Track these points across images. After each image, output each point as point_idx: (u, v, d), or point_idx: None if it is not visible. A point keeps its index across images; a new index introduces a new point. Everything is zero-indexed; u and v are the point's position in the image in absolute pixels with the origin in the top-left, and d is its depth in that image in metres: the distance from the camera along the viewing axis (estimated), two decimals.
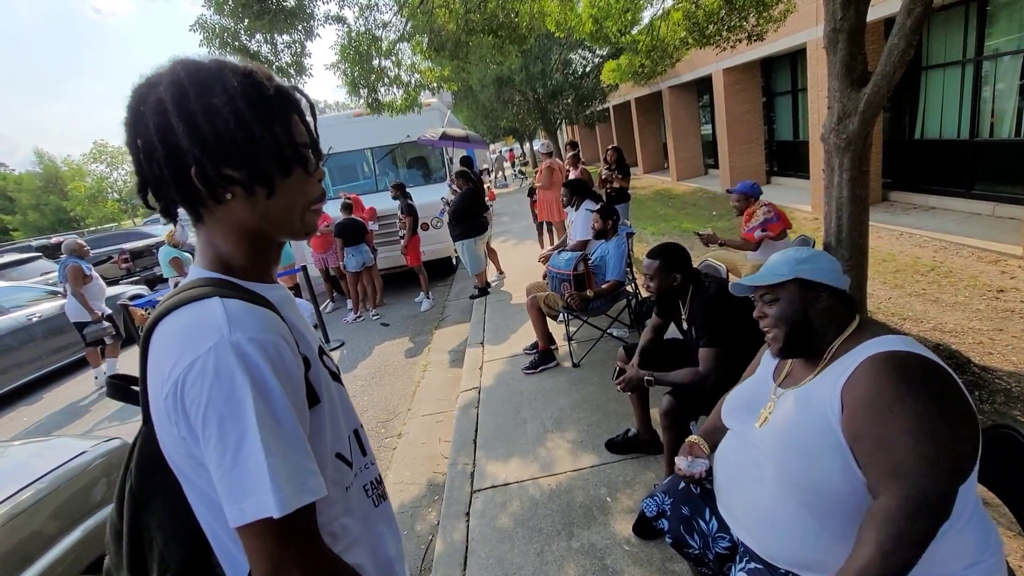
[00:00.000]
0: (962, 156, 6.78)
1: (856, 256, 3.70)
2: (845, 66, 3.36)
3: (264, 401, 0.59)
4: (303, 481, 0.60)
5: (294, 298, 0.83)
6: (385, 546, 0.86)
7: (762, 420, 1.23)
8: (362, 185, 8.26)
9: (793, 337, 1.19)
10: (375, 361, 5.08)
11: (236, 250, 0.72)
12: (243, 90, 0.66)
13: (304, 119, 0.73)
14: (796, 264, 1.19)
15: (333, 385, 0.79)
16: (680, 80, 12.58)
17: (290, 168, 0.70)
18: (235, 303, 0.64)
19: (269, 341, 0.62)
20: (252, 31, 4.27)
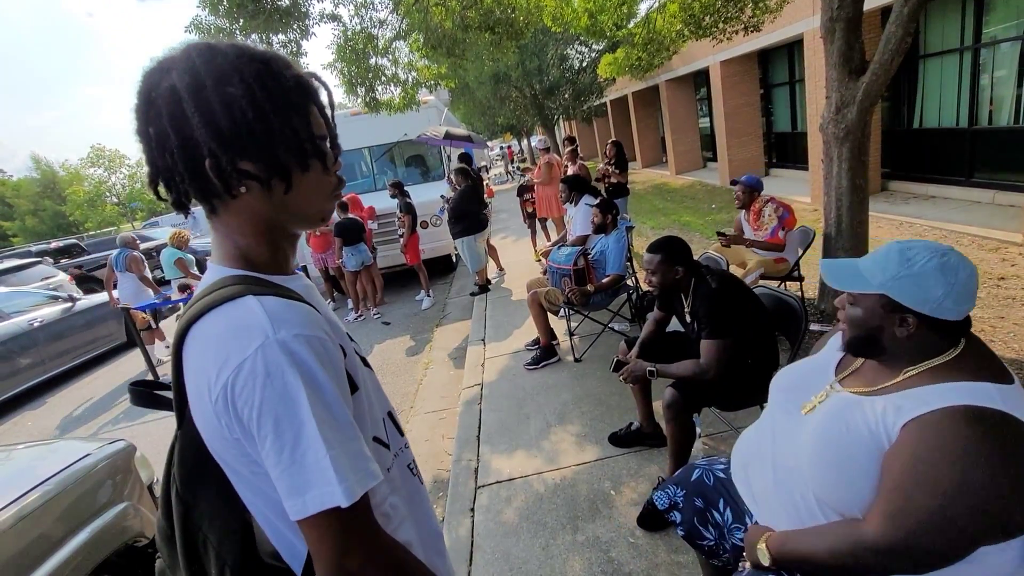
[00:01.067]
0: (961, 144, 6.76)
1: (856, 246, 3.70)
2: (842, 56, 3.35)
3: (317, 396, 0.60)
4: (363, 468, 0.61)
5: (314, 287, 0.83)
6: (432, 520, 0.89)
7: (810, 407, 1.16)
8: (360, 184, 8.25)
9: (858, 346, 1.09)
10: (376, 360, 5.08)
11: (255, 244, 0.71)
12: (261, 79, 0.63)
13: (323, 110, 0.71)
14: (893, 277, 1.00)
15: (365, 370, 0.81)
16: (677, 73, 12.55)
17: (308, 162, 0.68)
18: (272, 300, 0.64)
19: (314, 336, 0.62)
20: (247, 31, 4.25)
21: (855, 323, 1.07)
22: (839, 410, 1.08)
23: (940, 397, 0.94)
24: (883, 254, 1.04)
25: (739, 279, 2.17)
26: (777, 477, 1.18)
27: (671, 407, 2.05)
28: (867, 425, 1.00)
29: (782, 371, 1.36)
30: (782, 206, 3.86)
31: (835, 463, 1.02)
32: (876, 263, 1.03)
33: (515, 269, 6.99)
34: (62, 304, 6.64)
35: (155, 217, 22.80)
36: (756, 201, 3.95)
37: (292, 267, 0.78)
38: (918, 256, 0.99)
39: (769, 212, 3.86)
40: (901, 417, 0.96)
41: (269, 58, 0.66)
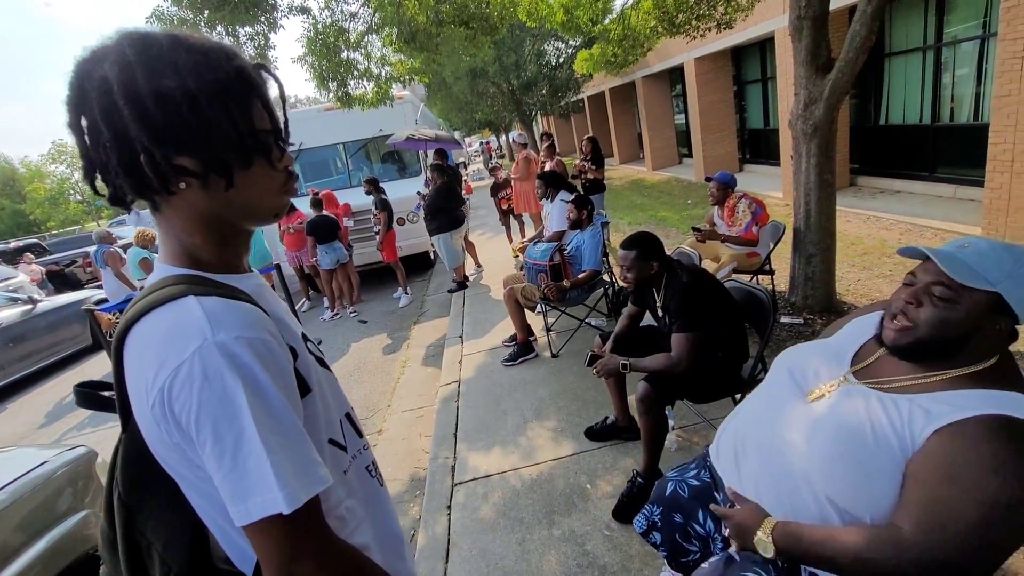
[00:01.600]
0: (924, 141, 6.98)
1: (825, 239, 3.79)
2: (810, 53, 3.42)
3: (258, 399, 0.58)
4: (310, 473, 0.60)
5: (268, 285, 0.81)
6: (392, 522, 0.88)
7: (817, 396, 1.11)
8: (335, 180, 8.13)
9: (928, 348, 0.98)
10: (353, 359, 5.02)
11: (200, 241, 0.68)
12: (198, 71, 0.60)
13: (268, 103, 0.68)
14: (1009, 275, 0.90)
15: (320, 371, 0.79)
16: (652, 70, 12.65)
17: (250, 158, 0.65)
18: (213, 300, 0.62)
19: (257, 338, 0.60)
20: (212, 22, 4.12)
21: (945, 324, 0.95)
22: (858, 406, 1.02)
23: (973, 404, 0.90)
24: (989, 249, 0.94)
25: (710, 274, 2.20)
26: (774, 464, 1.13)
27: (644, 400, 2.07)
28: (892, 426, 0.96)
29: (790, 350, 1.29)
30: (755, 202, 3.94)
31: (853, 461, 0.98)
32: (987, 258, 0.92)
33: (493, 265, 6.97)
34: (22, 306, 6.39)
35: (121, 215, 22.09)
36: (730, 198, 4.02)
37: (245, 265, 0.76)
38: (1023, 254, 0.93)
39: (743, 208, 3.93)
40: (932, 423, 0.92)
41: (208, 49, 0.63)
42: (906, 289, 1.02)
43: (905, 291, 1.02)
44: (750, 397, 1.34)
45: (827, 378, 1.14)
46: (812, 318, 3.84)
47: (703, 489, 1.37)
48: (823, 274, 3.84)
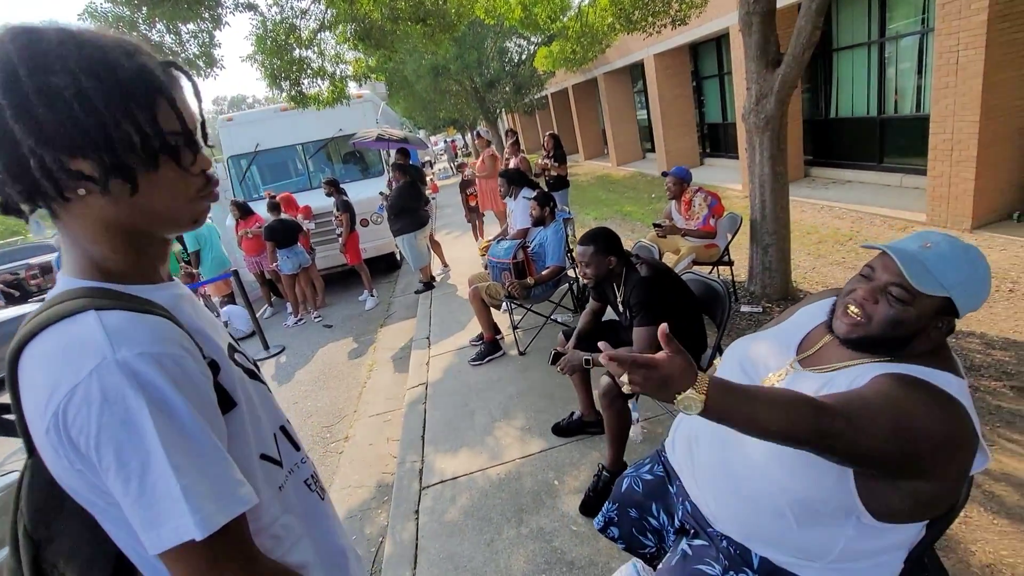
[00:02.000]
0: (872, 132, 7.27)
1: (780, 230, 3.89)
2: (759, 49, 3.50)
3: (166, 419, 0.54)
4: (227, 494, 0.57)
5: (193, 295, 0.76)
6: (335, 537, 0.84)
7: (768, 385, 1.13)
8: (295, 182, 7.91)
9: (876, 344, 1.02)
10: (318, 365, 4.90)
11: (108, 250, 0.63)
12: (92, 68, 0.56)
13: (176, 104, 0.63)
14: (963, 281, 0.94)
15: (250, 383, 0.75)
16: (614, 66, 12.79)
17: (156, 161, 0.61)
18: (116, 315, 0.57)
19: (165, 354, 0.56)
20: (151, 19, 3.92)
21: (898, 323, 0.97)
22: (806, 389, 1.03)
23: (908, 371, 0.97)
24: (949, 251, 0.95)
25: (667, 267, 2.23)
26: (727, 455, 1.14)
27: (606, 394, 2.08)
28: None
29: (740, 341, 1.32)
30: (710, 195, 4.02)
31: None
32: (946, 262, 0.94)
33: (461, 264, 6.93)
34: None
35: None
36: (686, 192, 4.09)
37: (163, 274, 0.71)
38: (979, 258, 0.96)
39: (699, 202, 4.01)
40: (870, 374, 0.97)
41: (105, 45, 0.58)
42: (863, 282, 1.04)
43: (862, 286, 1.03)
44: None
45: (775, 367, 1.17)
46: (770, 306, 3.95)
47: (656, 484, 1.38)
48: (779, 263, 3.95)
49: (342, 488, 3.00)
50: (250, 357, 0.83)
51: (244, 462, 0.68)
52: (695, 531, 1.24)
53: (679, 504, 1.31)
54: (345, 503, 2.87)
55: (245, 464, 0.68)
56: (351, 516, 2.75)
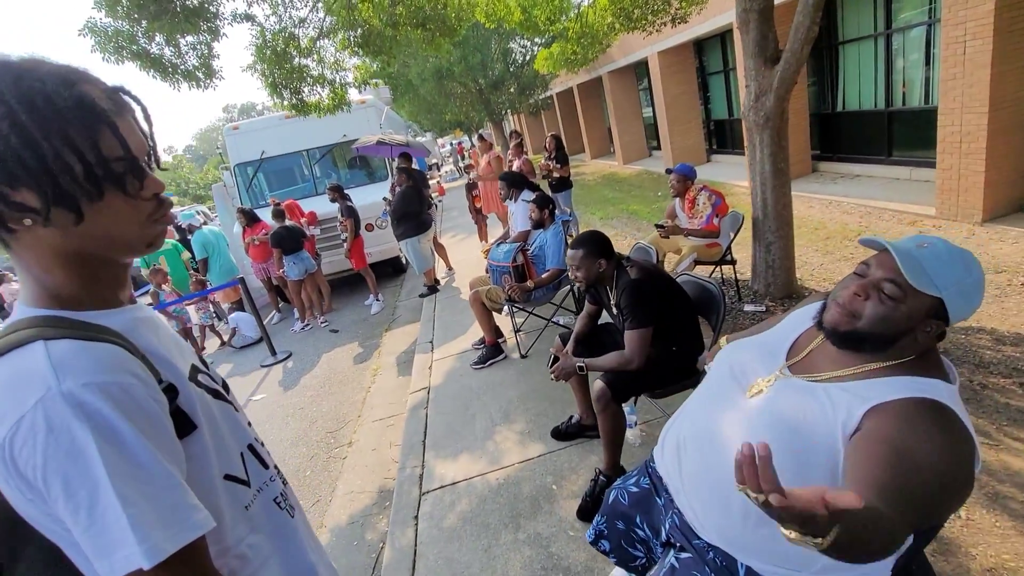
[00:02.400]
0: (880, 125, 7.15)
1: (782, 227, 3.85)
2: (757, 45, 3.47)
3: (113, 449, 0.55)
4: (179, 521, 0.57)
5: (155, 317, 0.76)
6: (305, 554, 0.84)
7: (755, 391, 1.11)
8: (301, 188, 7.99)
9: (863, 340, 1.00)
10: (324, 370, 4.94)
11: (62, 278, 0.64)
12: (28, 99, 0.56)
13: (119, 131, 0.62)
14: (956, 283, 0.94)
15: (215, 404, 0.75)
16: (618, 65, 12.74)
17: (101, 190, 0.60)
18: (63, 345, 0.57)
19: (112, 382, 0.57)
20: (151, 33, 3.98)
21: (886, 321, 0.97)
22: (793, 398, 1.04)
23: (901, 388, 0.94)
24: (945, 253, 0.95)
25: (659, 269, 2.21)
26: (713, 462, 1.13)
27: (600, 399, 2.07)
28: (824, 414, 0.98)
29: (730, 345, 1.31)
30: (714, 193, 3.98)
31: (790, 454, 0.98)
32: (942, 263, 0.94)
33: (466, 267, 6.94)
34: None
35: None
36: (690, 190, 4.06)
37: (123, 297, 0.71)
38: (974, 262, 0.95)
39: (703, 200, 3.97)
40: (863, 405, 0.95)
41: (43, 75, 0.58)
42: (856, 279, 1.03)
43: (855, 282, 1.03)
44: (693, 395, 1.34)
45: (764, 373, 1.15)
46: (774, 305, 3.91)
47: (642, 495, 1.37)
48: (783, 261, 3.90)
49: (345, 494, 3.03)
50: (217, 377, 0.84)
51: (207, 483, 0.69)
52: (681, 545, 1.23)
53: (665, 517, 1.29)
54: (347, 509, 2.89)
55: (207, 485, 0.69)
56: (353, 522, 2.77)
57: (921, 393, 0.93)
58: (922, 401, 0.92)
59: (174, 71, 4.27)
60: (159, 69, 4.18)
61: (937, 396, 0.93)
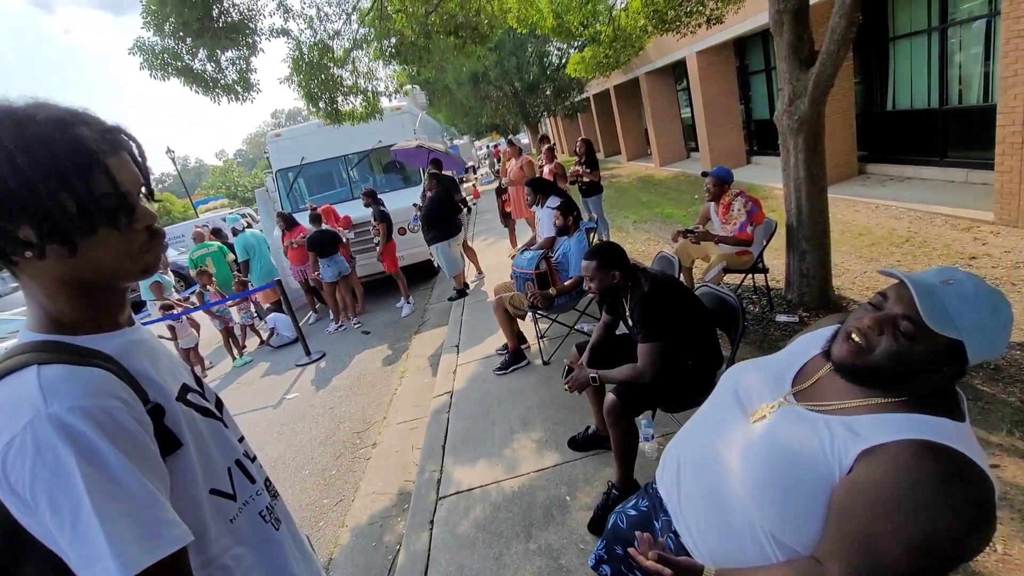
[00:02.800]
0: (934, 124, 6.76)
1: (817, 235, 3.70)
2: (791, 48, 3.36)
3: (94, 469, 0.59)
4: (155, 536, 0.61)
5: (149, 339, 0.81)
6: (289, 567, 0.88)
7: (759, 416, 1.08)
8: (338, 193, 8.24)
9: (873, 375, 0.95)
10: (354, 371, 5.08)
11: (62, 304, 0.69)
12: (25, 144, 0.61)
13: (110, 171, 0.66)
14: (977, 325, 0.87)
15: (203, 422, 0.79)
16: (656, 65, 12.53)
17: (94, 226, 0.66)
18: (55, 370, 0.63)
19: (96, 406, 0.61)
20: (194, 49, 4.22)
21: (900, 357, 0.91)
22: (792, 428, 1.00)
23: (899, 427, 0.89)
24: (973, 293, 0.89)
25: (674, 281, 2.17)
26: (711, 487, 1.11)
27: (611, 412, 2.05)
28: (822, 449, 0.94)
29: (737, 366, 1.27)
30: (751, 200, 3.85)
31: (783, 486, 0.96)
32: (967, 303, 0.88)
33: (496, 271, 6.97)
34: None
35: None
36: (726, 194, 3.94)
37: (122, 320, 0.76)
38: (1002, 304, 0.89)
39: (738, 207, 3.85)
40: (857, 445, 0.91)
41: (41, 120, 0.63)
42: (871, 312, 0.98)
43: (870, 314, 0.97)
44: (697, 414, 1.32)
45: (768, 398, 1.12)
46: (808, 316, 3.76)
47: (640, 518, 1.36)
48: (818, 270, 3.75)
49: (367, 494, 3.11)
50: (210, 394, 0.89)
51: (192, 497, 0.73)
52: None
53: (664, 538, 1.28)
54: (368, 509, 2.96)
55: (193, 499, 0.73)
56: (373, 523, 2.84)
57: (921, 435, 0.88)
58: (919, 445, 0.87)
59: (214, 85, 4.52)
60: (201, 84, 4.44)
61: (938, 438, 0.87)
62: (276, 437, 4.10)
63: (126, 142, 0.72)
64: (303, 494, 3.28)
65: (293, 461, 3.69)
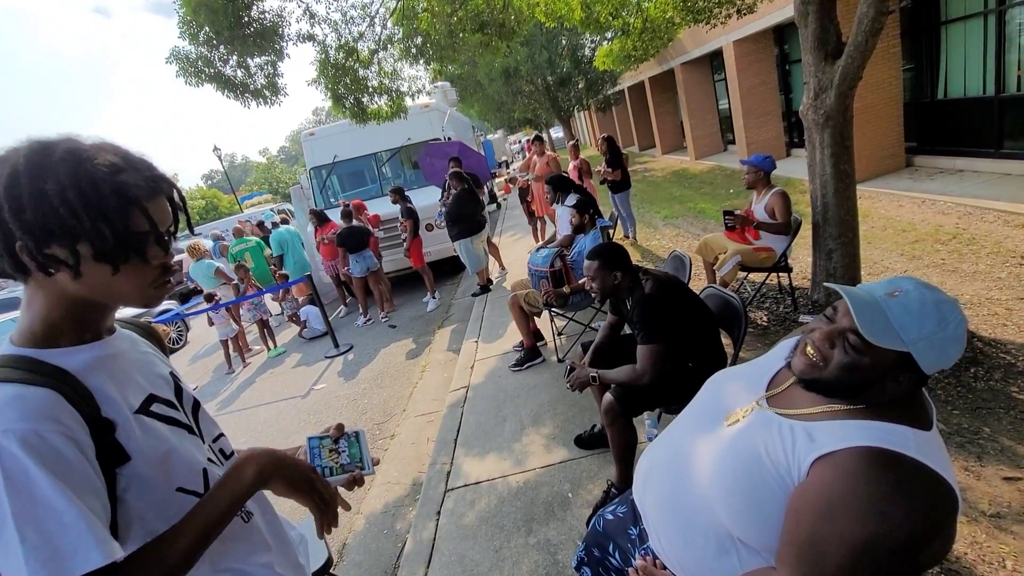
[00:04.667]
0: (989, 113, 6.34)
1: (845, 233, 3.57)
2: (817, 39, 3.24)
3: (18, 491, 0.65)
4: (68, 558, 0.65)
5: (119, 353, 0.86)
6: (255, 555, 0.95)
7: (733, 420, 1.10)
8: (369, 190, 8.44)
9: (829, 387, 0.97)
10: (379, 364, 5.24)
11: (55, 315, 0.78)
12: (76, 182, 0.71)
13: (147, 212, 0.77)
14: (926, 337, 0.88)
15: (168, 430, 0.85)
16: (691, 56, 12.20)
17: (127, 257, 0.76)
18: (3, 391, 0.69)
19: (29, 430, 0.66)
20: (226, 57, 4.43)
21: (851, 369, 0.94)
22: (760, 432, 1.02)
23: (855, 435, 0.90)
24: (918, 305, 0.90)
25: (676, 282, 2.15)
26: (675, 489, 1.14)
27: (608, 413, 2.06)
28: (784, 453, 0.96)
29: (721, 372, 1.31)
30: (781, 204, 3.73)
31: (747, 489, 0.98)
32: (911, 316, 0.89)
33: (520, 267, 7.02)
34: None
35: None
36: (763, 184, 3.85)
37: (102, 329, 0.84)
38: (951, 314, 0.89)
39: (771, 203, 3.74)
40: (812, 451, 0.92)
41: (99, 162, 0.73)
42: (825, 324, 1.00)
43: (821, 328, 1.00)
44: (676, 420, 1.33)
45: (744, 402, 1.13)
46: None
47: (616, 524, 1.38)
48: (845, 269, 3.61)
49: (382, 484, 3.22)
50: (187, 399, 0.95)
51: (158, 497, 0.80)
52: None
53: (637, 548, 1.30)
54: (383, 498, 3.08)
55: (159, 498, 0.80)
56: (386, 511, 2.95)
57: (877, 442, 0.88)
58: (873, 452, 0.87)
59: (244, 90, 4.73)
60: (232, 89, 4.66)
61: (894, 446, 0.87)
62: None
63: (167, 189, 0.82)
64: None
65: None
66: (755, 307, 4.18)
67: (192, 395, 0.98)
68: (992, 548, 1.79)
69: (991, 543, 1.81)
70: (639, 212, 8.65)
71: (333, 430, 1.09)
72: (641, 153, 18.68)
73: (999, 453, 2.21)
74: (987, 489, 2.04)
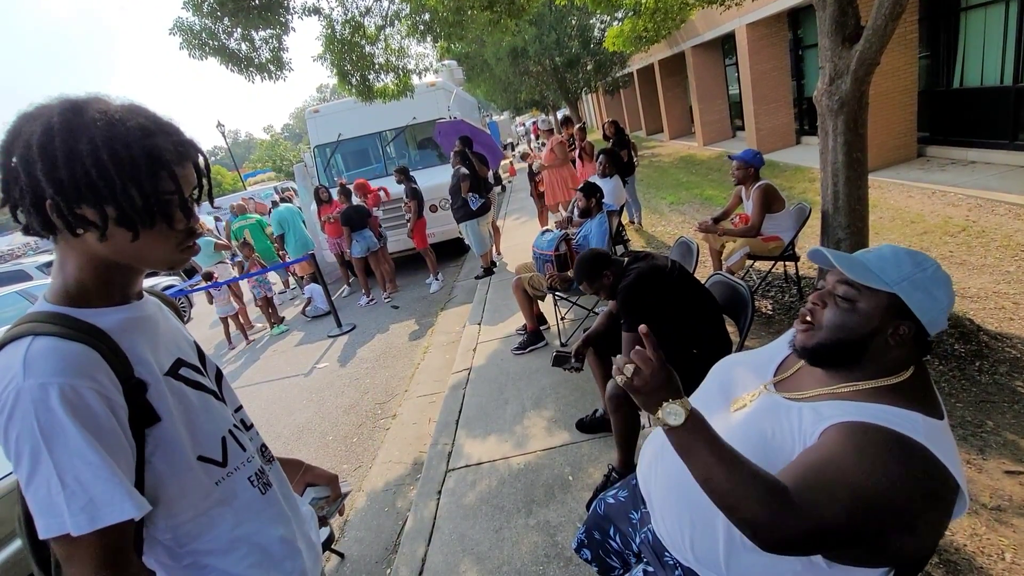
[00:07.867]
0: (1005, 104, 6.22)
1: (855, 223, 3.52)
2: (835, 22, 3.15)
3: (54, 441, 0.67)
4: (103, 505, 0.68)
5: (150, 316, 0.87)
6: (270, 526, 0.95)
7: (739, 406, 1.10)
8: (373, 169, 8.37)
9: (830, 351, 0.97)
10: (381, 344, 5.25)
11: (85, 276, 0.78)
12: (110, 143, 0.71)
13: (176, 176, 0.77)
14: (907, 277, 0.91)
15: (194, 395, 0.86)
16: (702, 39, 11.96)
17: (153, 220, 0.76)
18: (43, 343, 0.70)
19: (67, 384, 0.69)
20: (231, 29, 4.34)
21: (844, 327, 0.95)
22: (769, 416, 1.01)
23: (868, 415, 0.90)
24: (890, 253, 0.94)
25: (659, 271, 2.11)
26: (682, 477, 1.08)
27: (612, 399, 2.06)
28: (792, 435, 0.96)
29: (727, 358, 1.30)
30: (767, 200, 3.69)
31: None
32: (886, 261, 0.92)
33: (524, 250, 6.97)
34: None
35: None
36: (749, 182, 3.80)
37: (132, 294, 0.85)
38: (926, 261, 0.92)
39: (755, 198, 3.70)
40: (821, 422, 0.92)
41: (130, 124, 0.73)
42: (816, 292, 1.03)
43: (812, 294, 1.03)
44: None
45: (751, 387, 1.13)
46: None
47: (618, 508, 1.38)
48: None
49: (384, 462, 3.25)
50: (210, 367, 0.96)
51: (179, 463, 0.81)
52: (648, 560, 1.24)
53: (638, 532, 1.30)
54: (384, 476, 3.10)
55: (178, 464, 0.81)
56: (387, 489, 2.98)
57: (887, 423, 0.88)
58: (882, 430, 0.87)
59: (249, 64, 4.65)
60: (236, 63, 4.58)
61: (904, 429, 0.87)
62: (305, 404, 4.32)
63: (195, 155, 0.81)
64: (326, 459, 3.46)
65: (319, 427, 3.89)
66: (760, 295, 4.16)
67: (215, 364, 0.99)
68: (992, 540, 1.80)
69: (991, 535, 1.82)
70: (645, 198, 8.57)
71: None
72: (648, 138, 18.45)
73: (1002, 447, 2.21)
74: (988, 482, 2.05)
